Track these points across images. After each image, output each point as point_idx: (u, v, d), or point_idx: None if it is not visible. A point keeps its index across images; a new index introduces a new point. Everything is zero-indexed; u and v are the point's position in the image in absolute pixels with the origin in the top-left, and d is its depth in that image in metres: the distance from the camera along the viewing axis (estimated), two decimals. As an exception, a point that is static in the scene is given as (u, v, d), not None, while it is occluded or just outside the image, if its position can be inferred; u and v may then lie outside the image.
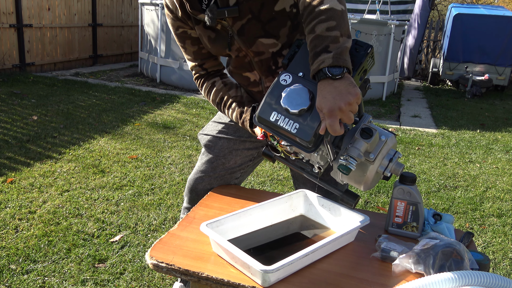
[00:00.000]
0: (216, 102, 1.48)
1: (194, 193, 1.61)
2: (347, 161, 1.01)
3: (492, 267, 2.38)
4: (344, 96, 0.97)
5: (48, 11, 7.33)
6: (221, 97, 1.46)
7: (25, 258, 2.12)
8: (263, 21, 1.26)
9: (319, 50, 1.01)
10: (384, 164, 1.08)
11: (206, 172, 1.59)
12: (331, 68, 0.99)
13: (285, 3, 1.25)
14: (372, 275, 1.07)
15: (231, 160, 1.58)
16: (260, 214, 1.27)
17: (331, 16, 1.02)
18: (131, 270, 2.09)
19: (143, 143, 3.94)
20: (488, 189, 3.47)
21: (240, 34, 1.29)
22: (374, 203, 3.04)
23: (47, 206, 2.65)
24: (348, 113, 0.98)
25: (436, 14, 15.42)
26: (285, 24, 1.27)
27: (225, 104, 1.45)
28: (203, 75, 1.49)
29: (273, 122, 1.07)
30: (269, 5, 1.24)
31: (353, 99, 0.97)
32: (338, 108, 0.96)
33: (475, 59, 8.66)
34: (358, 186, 1.11)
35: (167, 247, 1.14)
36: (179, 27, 1.41)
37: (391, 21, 7.05)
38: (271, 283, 1.00)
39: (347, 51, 1.02)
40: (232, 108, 1.43)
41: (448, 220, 1.29)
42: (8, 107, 4.80)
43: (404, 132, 5.21)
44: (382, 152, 1.06)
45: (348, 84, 0.99)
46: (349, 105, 0.97)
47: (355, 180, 1.10)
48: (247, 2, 1.23)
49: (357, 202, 1.14)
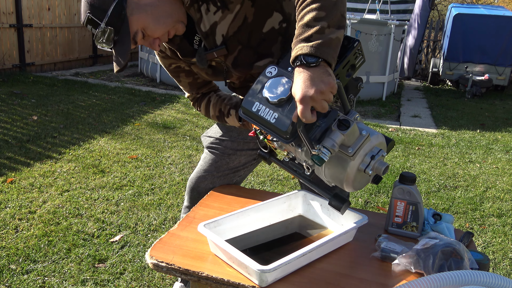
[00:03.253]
0: (216, 116, 1.48)
1: (195, 191, 1.61)
2: (320, 150, 0.99)
3: (492, 267, 2.38)
4: (317, 83, 0.96)
5: (48, 11, 7.33)
6: (219, 109, 1.46)
7: (25, 258, 2.12)
8: (253, 46, 1.25)
9: (302, 38, 1.00)
10: (366, 162, 1.04)
11: (210, 171, 1.59)
12: (307, 56, 0.98)
13: (273, 22, 1.23)
14: (372, 274, 1.07)
15: (235, 160, 1.59)
16: (259, 214, 1.27)
17: (322, 6, 1.01)
18: (131, 270, 2.09)
19: (143, 143, 3.94)
20: (488, 189, 3.47)
21: (235, 66, 1.28)
22: (374, 203, 3.04)
23: (47, 206, 2.66)
24: (320, 101, 0.96)
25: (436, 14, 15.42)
26: (276, 40, 1.26)
27: (224, 114, 1.46)
28: (199, 97, 1.50)
29: (255, 112, 1.06)
30: (257, 30, 1.23)
31: (325, 87, 0.95)
32: (309, 95, 0.95)
33: (475, 59, 8.66)
34: (341, 185, 1.08)
35: (167, 247, 1.14)
36: (171, 64, 1.41)
37: (391, 21, 7.05)
38: (268, 283, 1.00)
39: (332, 43, 1.00)
40: (231, 115, 1.43)
41: (448, 220, 1.29)
42: (8, 107, 4.80)
43: (404, 132, 5.21)
44: (364, 148, 1.03)
45: (322, 72, 0.97)
46: (321, 93, 0.95)
47: (336, 178, 1.08)
48: (234, 36, 1.22)
49: (346, 207, 1.10)
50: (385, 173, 1.05)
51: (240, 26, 1.21)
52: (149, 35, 1.18)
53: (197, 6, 1.18)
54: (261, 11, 1.20)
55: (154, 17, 1.16)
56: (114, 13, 1.11)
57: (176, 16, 1.19)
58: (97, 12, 1.11)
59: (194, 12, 1.19)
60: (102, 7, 1.11)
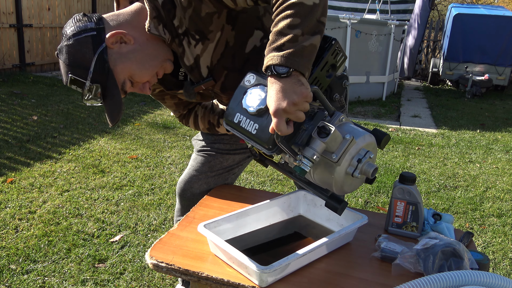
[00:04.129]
0: (207, 129, 1.47)
1: (189, 193, 1.57)
2: (301, 161, 0.97)
3: (492, 267, 2.38)
4: (289, 95, 0.93)
5: (48, 11, 7.33)
6: (208, 121, 1.45)
7: (25, 258, 2.12)
8: (238, 68, 1.22)
9: (274, 47, 0.97)
10: (353, 165, 1.01)
11: (203, 171, 1.56)
12: (278, 66, 0.95)
13: (254, 40, 1.20)
14: (372, 274, 1.07)
15: (229, 159, 1.57)
16: (259, 214, 1.27)
17: (297, 13, 0.96)
18: (131, 270, 2.09)
19: (143, 143, 3.94)
20: (488, 189, 3.47)
21: (223, 90, 1.26)
22: (374, 203, 3.04)
23: (47, 206, 2.66)
24: (295, 112, 0.94)
25: (436, 14, 15.42)
26: (260, 57, 1.21)
27: (214, 125, 1.45)
28: (185, 114, 1.49)
29: (236, 123, 1.05)
30: (240, 52, 1.20)
31: (298, 98, 0.93)
32: (282, 108, 0.93)
33: (475, 59, 8.66)
34: (331, 189, 1.06)
35: (167, 247, 1.14)
36: (155, 89, 1.37)
37: (391, 21, 7.05)
38: (268, 283, 1.00)
39: (305, 51, 0.96)
40: (221, 124, 1.42)
41: (447, 220, 1.29)
42: (8, 107, 4.80)
43: (404, 132, 5.21)
44: (350, 152, 1.00)
45: (294, 83, 0.94)
46: (294, 104, 0.93)
47: (325, 183, 1.06)
48: (219, 63, 1.20)
49: (343, 207, 1.07)
50: (374, 174, 1.02)
51: (222, 52, 1.18)
52: (138, 81, 1.14)
53: (178, 41, 1.14)
54: (242, 32, 1.17)
55: (139, 63, 1.11)
56: (97, 69, 1.06)
57: (161, 56, 1.16)
58: (78, 71, 1.06)
59: (176, 47, 1.15)
60: (83, 65, 1.06)
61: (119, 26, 1.10)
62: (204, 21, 1.11)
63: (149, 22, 1.09)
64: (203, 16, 1.10)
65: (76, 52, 1.06)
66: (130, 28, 1.11)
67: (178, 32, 1.13)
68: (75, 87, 1.08)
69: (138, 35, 1.12)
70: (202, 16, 1.10)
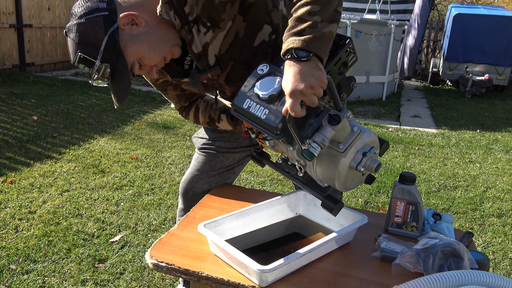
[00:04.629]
0: (207, 123, 1.47)
1: (191, 192, 1.58)
2: (310, 145, 0.98)
3: (492, 267, 2.38)
4: (307, 78, 0.95)
5: (48, 11, 7.33)
6: (209, 115, 1.45)
7: (25, 258, 2.12)
8: (245, 61, 1.24)
9: (294, 32, 1.00)
10: (357, 159, 1.02)
11: (204, 171, 1.56)
12: (298, 50, 0.97)
13: (263, 35, 1.22)
14: (372, 274, 1.07)
15: (229, 158, 1.57)
16: (259, 214, 1.27)
17: (316, 0, 1.00)
18: (131, 270, 2.09)
19: (143, 143, 3.94)
20: (488, 189, 3.47)
21: (228, 82, 1.28)
22: (374, 203, 3.04)
23: (47, 206, 2.66)
24: (310, 96, 0.95)
25: (436, 14, 15.42)
26: (267, 52, 1.25)
27: (215, 120, 1.44)
28: (186, 106, 1.49)
29: (245, 109, 1.06)
30: (249, 45, 1.21)
31: (315, 82, 0.95)
32: (299, 89, 0.94)
33: (475, 59, 8.66)
34: (333, 184, 1.07)
35: (167, 247, 1.14)
36: (158, 79, 1.37)
37: (391, 21, 7.05)
38: (268, 283, 1.00)
39: (324, 38, 0.99)
40: (223, 120, 1.42)
41: (447, 220, 1.29)
42: (8, 107, 4.80)
43: (404, 132, 5.21)
44: (356, 145, 1.02)
45: (313, 67, 0.96)
46: (311, 88, 0.95)
47: (328, 176, 1.06)
48: (227, 53, 1.21)
49: (339, 208, 1.08)
50: (378, 170, 1.03)
51: (231, 42, 1.19)
52: (146, 64, 1.15)
53: (188, 28, 1.15)
54: (252, 25, 1.19)
55: (150, 46, 1.12)
56: (107, 49, 1.06)
57: (171, 40, 1.16)
58: (88, 50, 1.06)
59: (185, 34, 1.16)
60: (94, 44, 1.05)
61: (131, 8, 1.11)
62: (217, 9, 1.12)
63: (161, 7, 1.10)
64: (217, 4, 1.11)
65: (87, 31, 1.06)
66: (141, 10, 1.12)
67: (188, 19, 1.13)
68: (83, 66, 1.08)
69: (149, 18, 1.12)
70: (216, 4, 1.11)
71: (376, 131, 5.11)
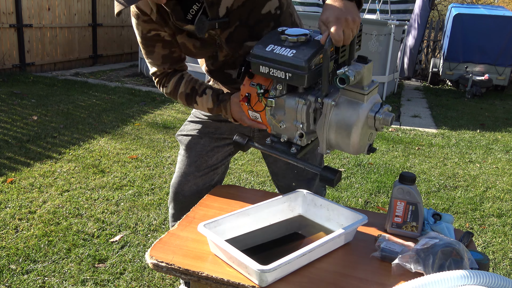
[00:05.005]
0: (185, 94, 1.41)
1: (180, 195, 1.59)
2: (346, 70, 0.99)
3: (492, 267, 2.38)
4: (350, 13, 1.03)
5: (48, 11, 7.33)
6: (192, 87, 1.40)
7: (25, 258, 2.12)
8: (250, 25, 1.27)
9: None
10: (375, 108, 1.05)
11: (191, 173, 1.57)
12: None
13: (271, 5, 1.27)
14: (371, 274, 1.07)
15: (213, 157, 1.58)
16: (259, 214, 1.27)
17: None
18: (131, 270, 2.09)
19: (143, 143, 3.94)
20: (488, 189, 3.47)
21: (228, 41, 1.29)
22: (374, 203, 3.04)
23: (47, 206, 2.66)
24: (350, 28, 1.01)
25: (436, 14, 15.42)
26: (268, 25, 1.30)
27: (197, 93, 1.39)
28: (170, 73, 1.43)
29: (269, 51, 1.08)
30: (257, 10, 1.26)
31: (357, 19, 1.03)
32: (345, 17, 1.01)
33: (475, 59, 8.65)
34: (345, 140, 1.05)
35: (167, 246, 1.14)
36: (151, 30, 1.34)
37: (391, 21, 7.05)
38: (268, 282, 1.00)
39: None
40: (206, 95, 1.38)
41: (447, 220, 1.29)
42: (8, 107, 4.80)
43: (404, 132, 5.21)
44: (374, 96, 1.05)
45: (354, 7, 1.05)
46: (353, 21, 1.01)
47: (344, 128, 1.04)
48: (237, 10, 1.23)
49: (339, 178, 1.08)
50: (391, 124, 1.05)
51: (245, 1, 1.23)
52: None
53: None
54: None
55: None
56: None
57: None
58: None
59: None
60: None
61: None
62: None
63: None
64: None
65: None
66: None
67: None
68: None
69: None
70: None
71: (376, 131, 5.11)
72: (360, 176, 3.53)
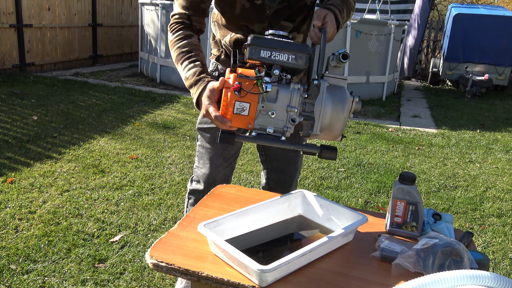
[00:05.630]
0: (181, 49, 1.39)
1: (212, 186, 1.63)
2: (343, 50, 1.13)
3: (492, 267, 2.38)
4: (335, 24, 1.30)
5: (48, 11, 7.33)
6: (189, 50, 1.39)
7: (25, 258, 2.12)
8: (292, 9, 1.44)
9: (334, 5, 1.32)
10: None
11: (220, 164, 1.64)
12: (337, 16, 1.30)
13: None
14: (371, 274, 1.07)
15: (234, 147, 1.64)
16: (259, 214, 1.27)
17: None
18: (131, 270, 2.09)
19: (143, 143, 3.94)
20: (488, 189, 3.47)
21: (273, 16, 1.44)
22: (374, 203, 3.04)
23: (47, 206, 2.66)
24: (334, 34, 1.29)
25: (436, 14, 15.42)
26: (302, 13, 1.48)
27: (189, 57, 1.37)
28: (186, 25, 1.43)
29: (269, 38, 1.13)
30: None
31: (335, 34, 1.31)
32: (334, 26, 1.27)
33: (475, 59, 8.66)
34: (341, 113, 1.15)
35: (167, 246, 1.14)
36: None
37: (391, 21, 7.05)
38: (268, 282, 1.00)
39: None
40: (194, 64, 1.36)
41: (447, 220, 1.29)
42: (8, 107, 4.80)
43: (404, 132, 5.21)
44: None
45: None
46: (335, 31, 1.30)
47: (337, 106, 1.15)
48: None
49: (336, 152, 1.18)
50: (360, 109, 1.20)
51: None
52: None
53: None
54: None
55: None
56: None
57: None
58: None
59: None
60: None
61: None
62: None
63: None
64: None
65: None
66: None
67: None
68: None
69: None
70: None
71: (376, 131, 5.11)
72: (360, 176, 3.53)
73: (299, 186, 3.23)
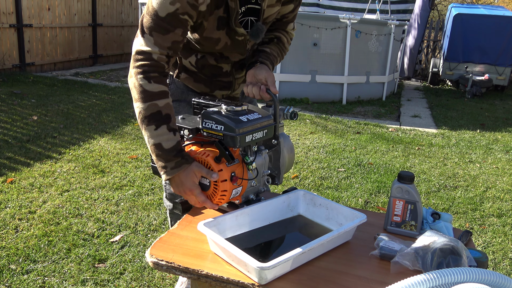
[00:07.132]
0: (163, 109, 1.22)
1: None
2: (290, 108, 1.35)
3: (492, 267, 2.38)
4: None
5: (48, 11, 7.34)
6: (169, 114, 1.23)
7: (25, 258, 2.13)
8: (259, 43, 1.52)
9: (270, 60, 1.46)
10: None
11: None
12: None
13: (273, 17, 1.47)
14: (371, 272, 1.08)
15: None
16: (258, 213, 1.28)
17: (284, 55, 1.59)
18: (131, 270, 2.09)
19: (143, 143, 3.94)
20: (488, 189, 3.47)
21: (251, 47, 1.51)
22: (374, 203, 3.04)
23: (47, 206, 2.66)
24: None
25: (436, 14, 15.42)
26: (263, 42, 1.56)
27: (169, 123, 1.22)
28: (165, 73, 1.27)
29: (246, 121, 1.20)
30: (268, 24, 1.46)
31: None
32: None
33: (475, 59, 8.66)
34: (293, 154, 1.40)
35: (167, 245, 1.15)
36: (186, 13, 1.21)
37: (391, 21, 7.05)
38: (267, 280, 1.00)
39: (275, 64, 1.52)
40: (174, 134, 1.22)
41: (446, 219, 1.29)
42: (8, 107, 4.80)
43: (404, 132, 5.21)
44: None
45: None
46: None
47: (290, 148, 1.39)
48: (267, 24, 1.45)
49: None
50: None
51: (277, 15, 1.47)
52: None
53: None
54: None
55: None
56: None
57: None
58: None
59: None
60: None
61: None
62: None
63: None
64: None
65: None
66: None
67: None
68: None
69: None
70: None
71: (376, 131, 5.12)
72: (360, 176, 3.53)
73: (300, 186, 3.24)
